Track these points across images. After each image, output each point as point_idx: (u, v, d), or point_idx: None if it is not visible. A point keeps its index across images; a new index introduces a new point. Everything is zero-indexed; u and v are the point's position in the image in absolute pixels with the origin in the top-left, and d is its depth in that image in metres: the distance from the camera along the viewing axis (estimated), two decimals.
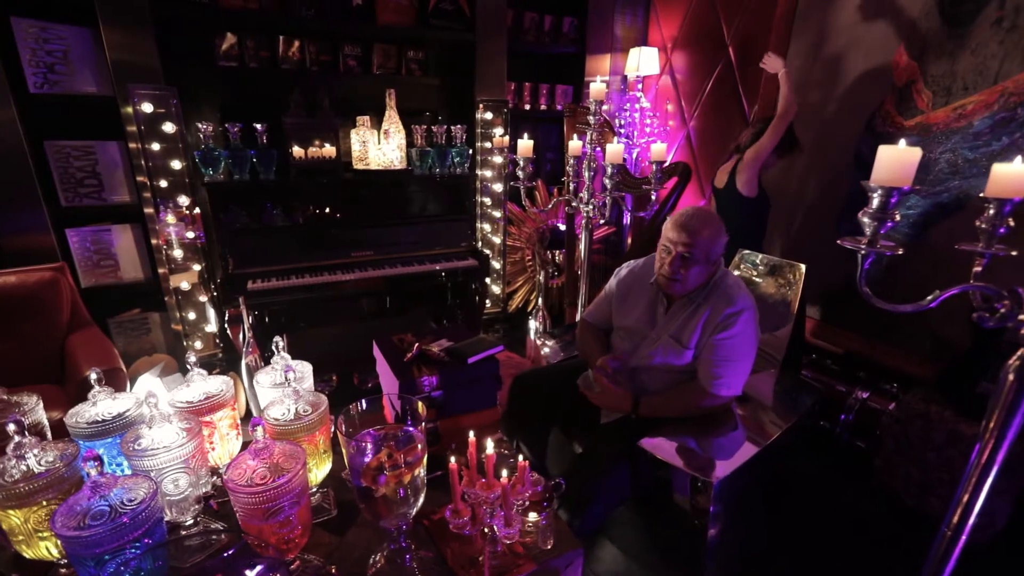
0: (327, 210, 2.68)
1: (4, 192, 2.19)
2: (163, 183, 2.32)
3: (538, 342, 2.15)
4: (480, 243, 3.09)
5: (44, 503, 0.89)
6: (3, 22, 2.07)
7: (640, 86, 3.23)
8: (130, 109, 2.24)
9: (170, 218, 2.35)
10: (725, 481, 1.27)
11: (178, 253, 2.42)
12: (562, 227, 3.13)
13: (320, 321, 2.74)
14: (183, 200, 2.37)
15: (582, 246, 2.28)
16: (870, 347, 2.23)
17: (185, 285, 2.47)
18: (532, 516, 1.10)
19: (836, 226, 2.36)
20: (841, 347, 2.35)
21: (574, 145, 2.19)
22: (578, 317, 2.47)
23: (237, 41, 2.50)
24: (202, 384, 1.15)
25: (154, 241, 2.47)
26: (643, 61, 3.09)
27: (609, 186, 1.90)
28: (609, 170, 1.88)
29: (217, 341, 2.64)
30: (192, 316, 2.54)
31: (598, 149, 2.15)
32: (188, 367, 1.14)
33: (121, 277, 2.56)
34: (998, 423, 0.98)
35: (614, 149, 1.84)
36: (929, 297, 0.96)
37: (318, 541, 1.04)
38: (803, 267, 1.74)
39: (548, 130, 3.39)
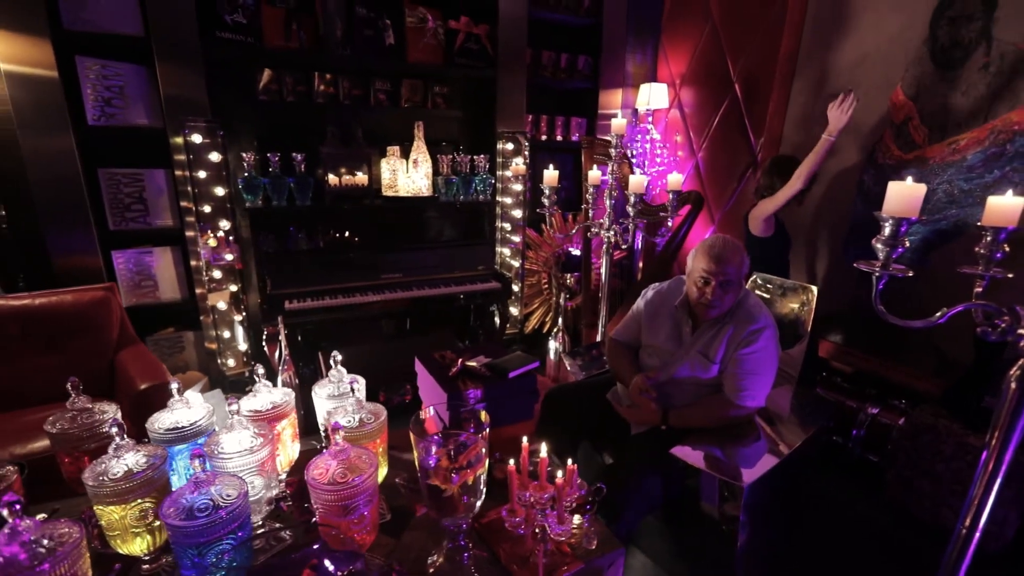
0: (359, 234, 2.82)
1: (60, 216, 2.32)
2: (206, 208, 2.46)
3: (566, 361, 2.26)
4: (499, 266, 3.22)
5: (138, 501, 0.99)
6: (69, 60, 2.24)
7: (650, 119, 3.41)
8: (180, 139, 2.39)
9: (211, 241, 2.49)
10: (754, 485, 1.37)
11: (217, 274, 2.54)
12: (576, 252, 3.26)
13: (348, 340, 2.84)
14: (224, 224, 2.51)
15: (603, 269, 2.42)
16: (879, 365, 2.34)
17: (222, 305, 2.59)
18: (576, 519, 1.19)
19: (843, 251, 2.49)
20: (851, 366, 2.46)
21: (594, 175, 2.34)
22: (598, 337, 2.58)
23: (276, 77, 2.68)
24: (267, 395, 1.26)
25: (194, 263, 2.59)
26: (653, 96, 3.28)
27: (632, 213, 2.04)
28: (632, 199, 2.02)
29: (244, 359, 2.74)
30: (227, 335, 2.65)
31: (615, 178, 2.30)
32: (256, 379, 1.25)
33: (159, 297, 2.68)
34: (1003, 429, 1.09)
35: (637, 180, 1.99)
36: (938, 314, 1.08)
37: (377, 543, 1.11)
38: (815, 289, 1.87)
39: (563, 160, 3.57)
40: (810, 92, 2.59)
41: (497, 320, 3.06)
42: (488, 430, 1.09)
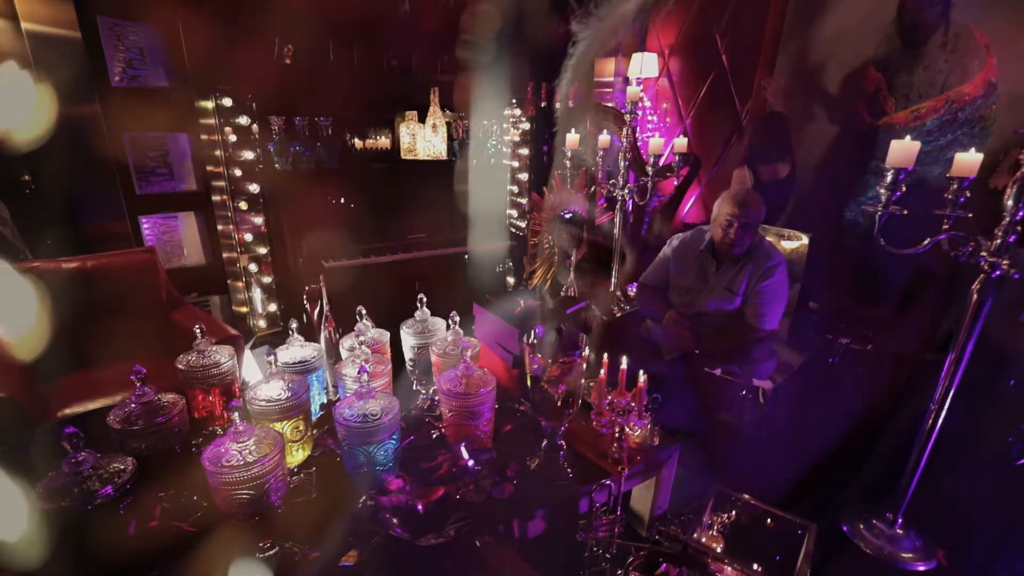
0: (383, 196, 2.94)
1: (87, 180, 2.32)
2: (237, 172, 2.51)
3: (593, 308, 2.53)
4: (509, 226, 3.42)
5: (293, 419, 1.19)
6: (90, 21, 2.21)
7: (641, 86, 3.64)
8: (206, 104, 2.42)
9: (242, 204, 2.55)
10: (774, 391, 1.70)
11: (248, 237, 2.62)
12: (568, 216, 3.50)
13: (376, 296, 3.00)
14: (253, 188, 2.57)
15: (616, 228, 2.67)
16: (853, 304, 2.74)
17: (253, 267, 2.67)
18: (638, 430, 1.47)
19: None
20: (819, 303, 2.86)
21: (603, 139, 2.56)
22: (611, 288, 2.86)
23: (296, 44, 2.70)
24: (369, 333, 1.48)
25: (220, 227, 2.65)
26: (644, 65, 3.50)
27: (651, 173, 2.28)
28: (652, 159, 2.26)
29: (274, 319, 2.84)
30: (257, 296, 2.74)
31: (628, 141, 2.53)
32: (359, 318, 1.46)
33: (184, 262, 2.72)
34: (966, 329, 1.44)
35: (656, 143, 2.23)
36: (926, 240, 1.40)
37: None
38: (806, 237, 2.20)
39: None
40: (793, 64, 2.90)
41: (511, 279, 3.28)
42: (586, 351, 1.33)
